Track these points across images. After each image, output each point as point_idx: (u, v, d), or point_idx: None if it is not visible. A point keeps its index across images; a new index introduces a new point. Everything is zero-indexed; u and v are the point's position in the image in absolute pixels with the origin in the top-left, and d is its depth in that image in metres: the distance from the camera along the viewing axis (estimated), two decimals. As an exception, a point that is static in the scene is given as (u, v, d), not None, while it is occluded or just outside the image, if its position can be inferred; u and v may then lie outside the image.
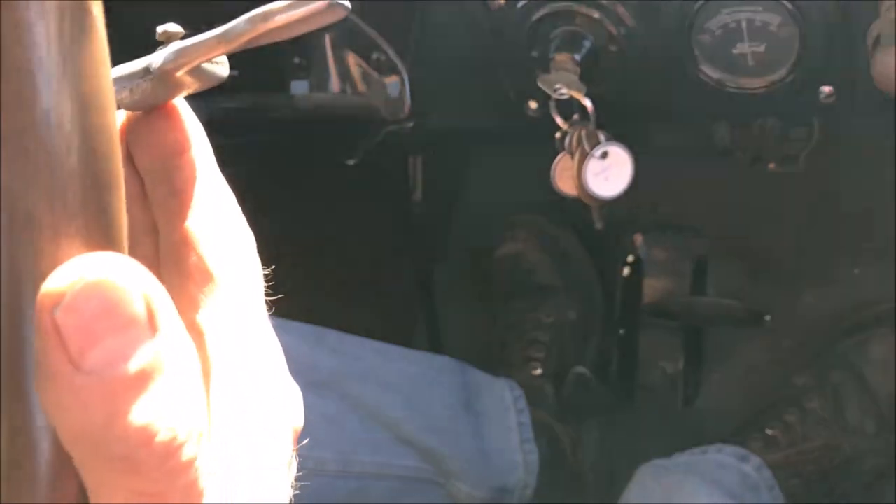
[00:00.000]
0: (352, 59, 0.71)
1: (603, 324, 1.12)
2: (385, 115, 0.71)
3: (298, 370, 0.77)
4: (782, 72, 0.56)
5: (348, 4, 0.23)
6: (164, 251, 0.25)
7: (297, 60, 0.73)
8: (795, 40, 0.55)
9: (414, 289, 1.17)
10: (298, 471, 0.25)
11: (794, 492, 0.90)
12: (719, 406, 1.08)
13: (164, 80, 0.25)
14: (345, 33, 0.70)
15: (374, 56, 0.70)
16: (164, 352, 0.19)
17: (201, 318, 0.24)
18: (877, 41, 0.48)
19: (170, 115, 0.26)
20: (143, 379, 0.18)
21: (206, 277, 0.24)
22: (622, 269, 1.15)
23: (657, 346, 1.13)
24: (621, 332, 1.14)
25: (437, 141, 0.90)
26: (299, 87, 0.73)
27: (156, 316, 0.19)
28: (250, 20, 0.24)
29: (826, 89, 0.57)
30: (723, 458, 0.89)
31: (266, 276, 0.28)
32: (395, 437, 0.85)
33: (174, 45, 0.26)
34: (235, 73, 0.77)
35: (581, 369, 1.07)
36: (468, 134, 0.83)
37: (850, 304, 0.99)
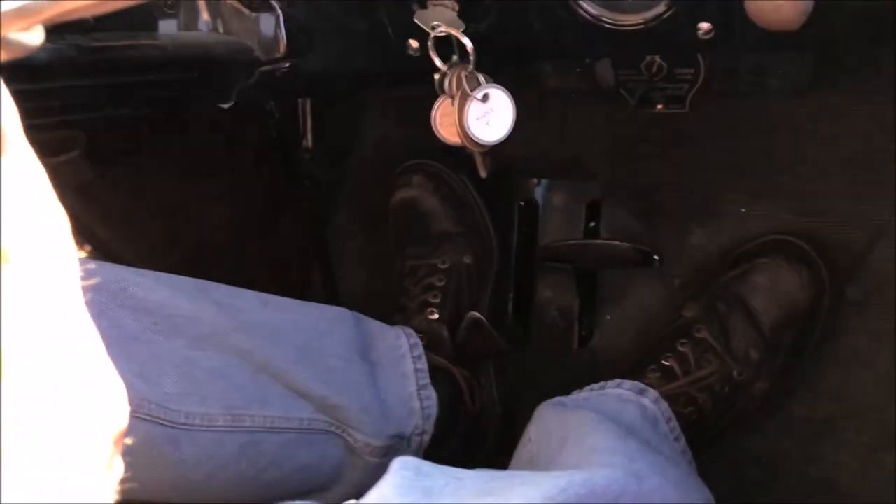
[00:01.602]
0: (223, -4, 0.67)
1: (499, 268, 1.12)
2: (259, 55, 0.68)
3: (179, 324, 0.73)
4: (660, 7, 0.55)
5: None
6: None
7: (163, -3, 0.68)
8: (672, -26, 0.54)
9: (307, 239, 1.14)
10: (187, 427, 0.23)
11: (689, 420, 0.92)
12: (614, 345, 1.10)
13: None
14: (214, -33, 0.66)
15: (247, -8, 0.66)
16: None
17: None
18: (750, -25, 0.48)
19: None
20: None
21: (3, 260, 0.23)
22: (516, 214, 1.15)
23: (552, 288, 1.14)
24: (517, 276, 1.15)
25: (321, 84, 0.86)
26: (168, 27, 0.69)
27: None
28: None
29: (704, 25, 0.57)
30: (622, 392, 0.91)
31: (147, 227, 0.26)
32: (287, 388, 0.83)
33: None
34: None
35: (475, 314, 1.07)
36: (352, 75, 0.80)
37: (735, 241, 1.02)
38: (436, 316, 1.08)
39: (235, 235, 1.03)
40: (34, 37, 0.26)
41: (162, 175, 0.86)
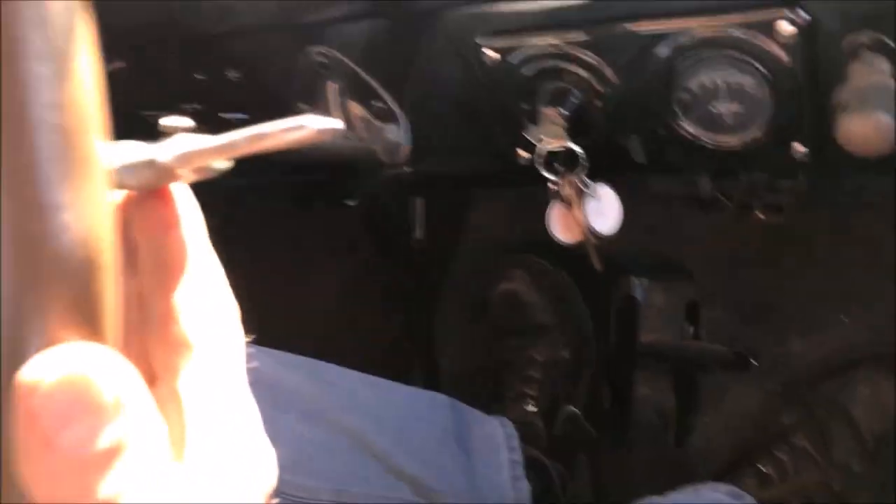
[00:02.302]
0: (353, 107, 0.74)
1: (596, 363, 1.15)
2: (384, 158, 0.75)
3: (291, 400, 0.80)
4: (757, 130, 0.59)
5: (337, 125, 0.27)
6: (150, 321, 0.27)
7: (301, 106, 0.77)
8: (769, 101, 0.58)
9: (412, 325, 1.20)
10: (295, 499, 0.27)
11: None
12: (710, 446, 1.10)
13: (164, 172, 0.28)
14: (347, 82, 0.74)
15: (375, 104, 0.74)
16: (128, 432, 0.22)
17: (180, 386, 0.26)
18: (841, 105, 0.52)
19: (164, 194, 0.28)
20: (108, 457, 0.21)
21: (186, 348, 0.26)
22: (615, 311, 1.18)
23: (649, 386, 1.16)
24: (614, 372, 1.17)
25: (436, 184, 0.93)
26: (303, 132, 0.77)
27: (122, 400, 0.22)
28: (248, 139, 0.28)
29: (799, 147, 0.60)
30: (717, 496, 0.91)
31: (267, 310, 0.31)
32: (386, 468, 0.87)
33: (179, 143, 0.29)
34: (244, 116, 0.81)
35: (572, 408, 1.09)
36: (465, 178, 0.87)
37: (837, 348, 1.01)
38: (532, 408, 1.10)
39: (345, 319, 1.10)
40: (222, 163, 0.31)
41: (283, 258, 0.93)
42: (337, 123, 0.28)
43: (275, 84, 0.78)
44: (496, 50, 0.64)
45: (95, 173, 0.23)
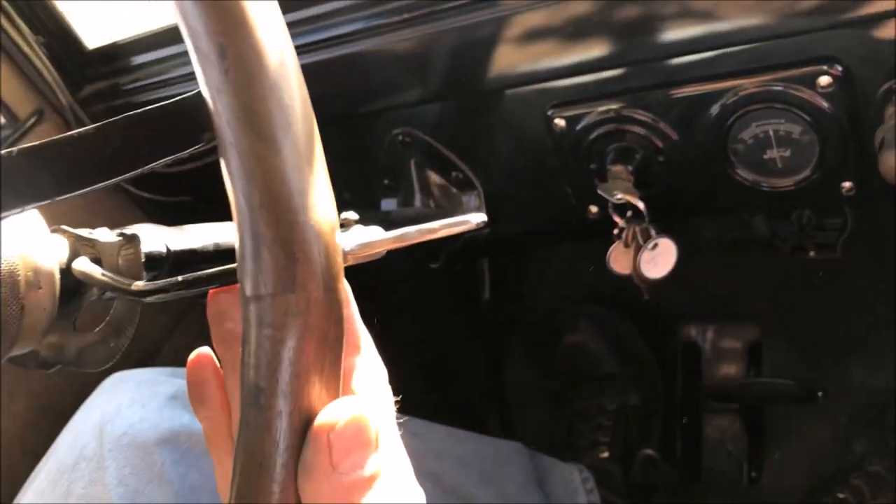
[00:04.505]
0: (433, 178, 0.82)
1: (665, 407, 1.19)
2: (464, 224, 0.82)
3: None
4: (807, 172, 0.66)
5: (485, 218, 0.36)
6: None
7: (386, 181, 0.85)
8: (816, 145, 0.65)
9: (486, 379, 1.26)
10: None
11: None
12: (784, 482, 1.13)
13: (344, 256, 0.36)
14: (427, 156, 0.82)
15: (453, 174, 0.82)
16: (384, 463, 0.30)
17: None
18: (881, 144, 0.58)
19: None
20: (371, 480, 0.30)
21: None
22: (681, 355, 1.23)
23: (719, 427, 1.19)
24: (684, 417, 1.21)
25: (502, 245, 1.00)
26: (388, 204, 0.85)
27: (380, 439, 0.31)
28: (419, 231, 0.36)
29: (847, 184, 0.66)
30: None
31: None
32: (472, 510, 0.91)
33: (358, 234, 0.37)
34: (340, 212, 0.90)
35: (649, 451, 1.13)
36: (532, 236, 0.93)
37: (898, 376, 1.05)
38: (606, 454, 1.14)
39: (423, 374, 1.16)
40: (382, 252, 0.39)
41: (364, 317, 1.00)
42: (485, 217, 0.37)
43: (360, 164, 0.86)
44: (563, 118, 0.72)
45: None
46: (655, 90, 0.68)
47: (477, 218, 0.38)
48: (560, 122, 0.72)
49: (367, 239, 0.38)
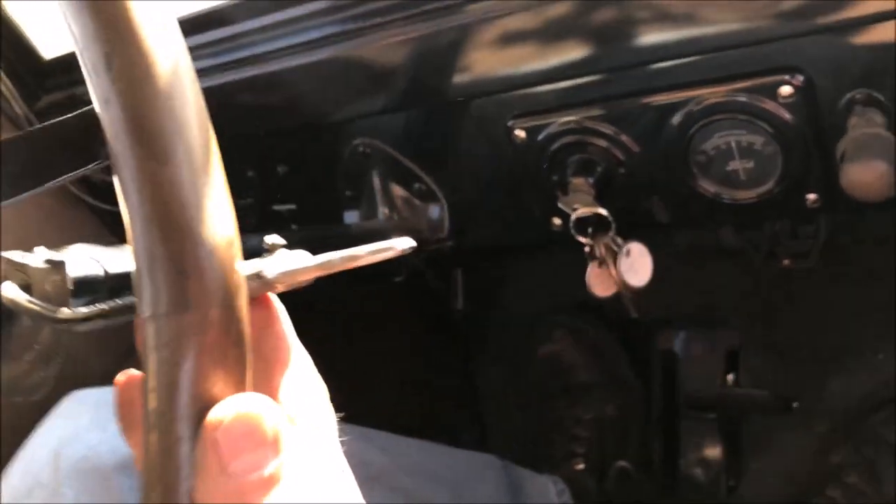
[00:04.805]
0: (396, 190, 0.81)
1: (642, 418, 1.18)
2: (428, 235, 0.81)
3: (353, 466, 0.86)
4: (770, 184, 0.64)
5: (413, 244, 0.34)
6: None
7: (348, 193, 0.83)
8: (779, 156, 0.63)
9: (459, 391, 1.24)
10: None
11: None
12: (761, 492, 1.12)
13: (267, 284, 0.35)
14: (389, 168, 0.80)
15: (416, 186, 0.80)
16: (284, 465, 0.28)
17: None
18: (843, 156, 0.57)
19: (264, 299, 0.35)
20: (268, 484, 0.28)
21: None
22: (657, 365, 1.21)
23: (696, 437, 1.18)
24: (661, 425, 1.19)
25: (475, 255, 0.99)
26: (351, 216, 0.83)
27: (280, 439, 0.28)
28: (343, 259, 0.35)
29: (811, 196, 0.65)
30: None
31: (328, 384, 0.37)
32: (445, 527, 0.90)
33: (282, 260, 0.35)
34: (293, 206, 0.89)
35: (623, 463, 1.12)
36: (502, 248, 0.92)
37: (875, 385, 1.04)
38: (582, 465, 1.13)
39: (395, 387, 1.14)
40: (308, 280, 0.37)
41: (334, 333, 0.98)
42: (412, 242, 0.35)
43: (321, 176, 0.85)
44: (524, 129, 0.70)
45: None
46: (617, 100, 0.67)
47: (402, 244, 0.36)
48: (521, 134, 0.70)
49: (291, 266, 0.36)
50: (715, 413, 1.16)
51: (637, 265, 0.71)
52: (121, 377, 0.38)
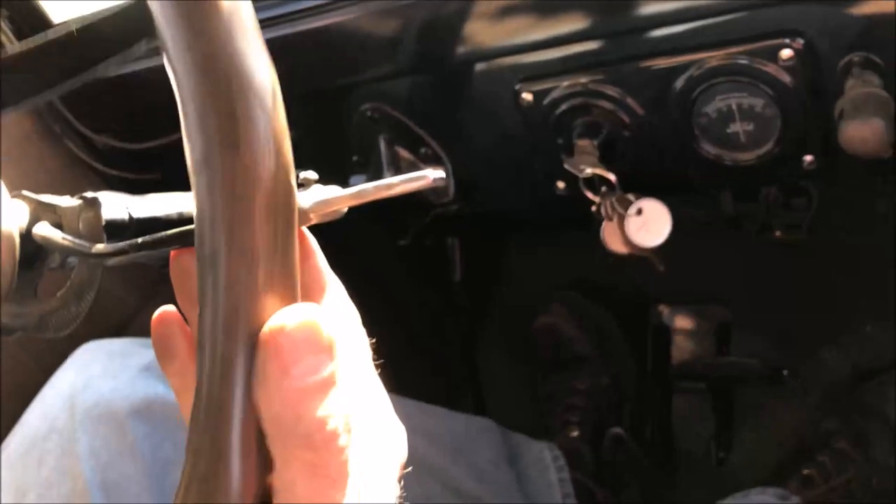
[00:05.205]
0: (402, 154, 0.82)
1: (636, 388, 1.20)
2: (432, 199, 0.82)
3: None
4: (769, 145, 0.66)
5: (444, 175, 0.36)
6: None
7: (355, 158, 0.85)
8: (778, 118, 0.65)
9: (459, 360, 1.26)
10: None
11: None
12: (753, 461, 1.14)
13: (303, 216, 0.36)
14: (396, 132, 0.82)
15: (422, 150, 0.82)
16: (338, 371, 0.30)
17: None
18: (841, 115, 0.59)
19: (299, 235, 0.36)
20: (325, 386, 0.29)
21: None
22: (651, 337, 1.24)
23: (689, 407, 1.20)
24: (654, 396, 1.22)
25: (479, 222, 1.00)
26: (357, 180, 0.85)
27: (334, 347, 0.30)
28: (377, 188, 0.36)
29: (808, 158, 0.67)
30: (765, 498, 0.95)
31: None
32: (443, 485, 0.92)
33: (317, 192, 0.37)
34: (299, 171, 0.90)
35: (617, 430, 1.14)
36: (506, 215, 0.94)
37: (865, 355, 1.07)
38: (576, 433, 1.14)
39: (397, 350, 1.16)
40: (342, 210, 0.39)
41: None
42: (442, 173, 0.37)
43: (329, 140, 0.86)
44: (531, 93, 0.72)
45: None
46: (622, 64, 0.69)
47: (435, 174, 0.38)
48: (528, 97, 0.72)
49: (326, 196, 0.38)
50: (706, 384, 1.19)
51: (651, 225, 0.71)
52: (158, 312, 0.40)
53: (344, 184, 0.87)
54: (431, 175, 0.37)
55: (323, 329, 0.29)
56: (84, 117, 0.91)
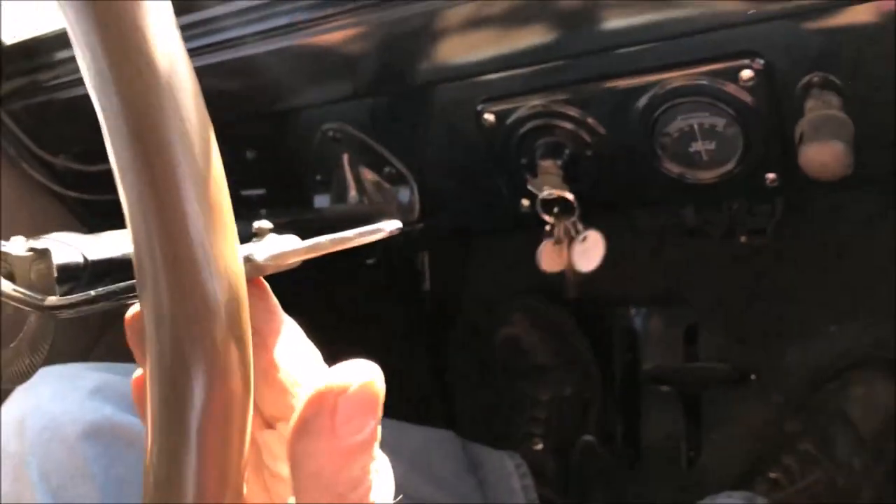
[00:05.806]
0: (367, 174, 0.82)
1: (601, 396, 1.20)
2: (398, 219, 0.82)
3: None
4: (731, 165, 0.67)
5: (400, 225, 0.35)
6: (258, 374, 0.34)
7: (318, 178, 0.84)
8: (739, 138, 0.66)
9: (427, 373, 1.26)
10: None
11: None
12: (721, 463, 1.15)
13: (258, 268, 0.36)
14: (359, 152, 0.81)
15: (386, 170, 0.81)
16: (379, 426, 0.30)
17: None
18: (801, 138, 0.59)
19: (254, 280, 0.36)
20: (368, 445, 0.29)
21: (290, 390, 0.34)
22: (616, 342, 1.24)
23: (657, 411, 1.21)
24: (621, 402, 1.22)
25: (443, 238, 1.00)
26: (322, 201, 0.84)
27: (379, 405, 0.30)
28: (332, 241, 0.36)
29: (770, 176, 0.68)
30: (734, 501, 0.96)
31: None
32: (406, 498, 0.91)
33: (272, 243, 0.36)
34: (262, 191, 0.89)
35: (588, 437, 1.15)
36: (471, 231, 0.93)
37: (829, 356, 1.08)
38: (539, 446, 1.14)
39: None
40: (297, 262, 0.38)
41: (309, 314, 0.99)
42: (399, 224, 0.37)
43: (290, 160, 0.85)
44: (493, 114, 0.72)
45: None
46: (584, 84, 0.69)
47: (390, 226, 0.37)
48: (490, 118, 0.72)
49: (280, 249, 0.37)
50: (675, 386, 1.20)
51: (590, 252, 0.75)
52: (130, 311, 0.39)
53: (308, 203, 0.86)
54: (387, 227, 0.37)
55: (379, 389, 0.29)
56: (41, 140, 0.90)
